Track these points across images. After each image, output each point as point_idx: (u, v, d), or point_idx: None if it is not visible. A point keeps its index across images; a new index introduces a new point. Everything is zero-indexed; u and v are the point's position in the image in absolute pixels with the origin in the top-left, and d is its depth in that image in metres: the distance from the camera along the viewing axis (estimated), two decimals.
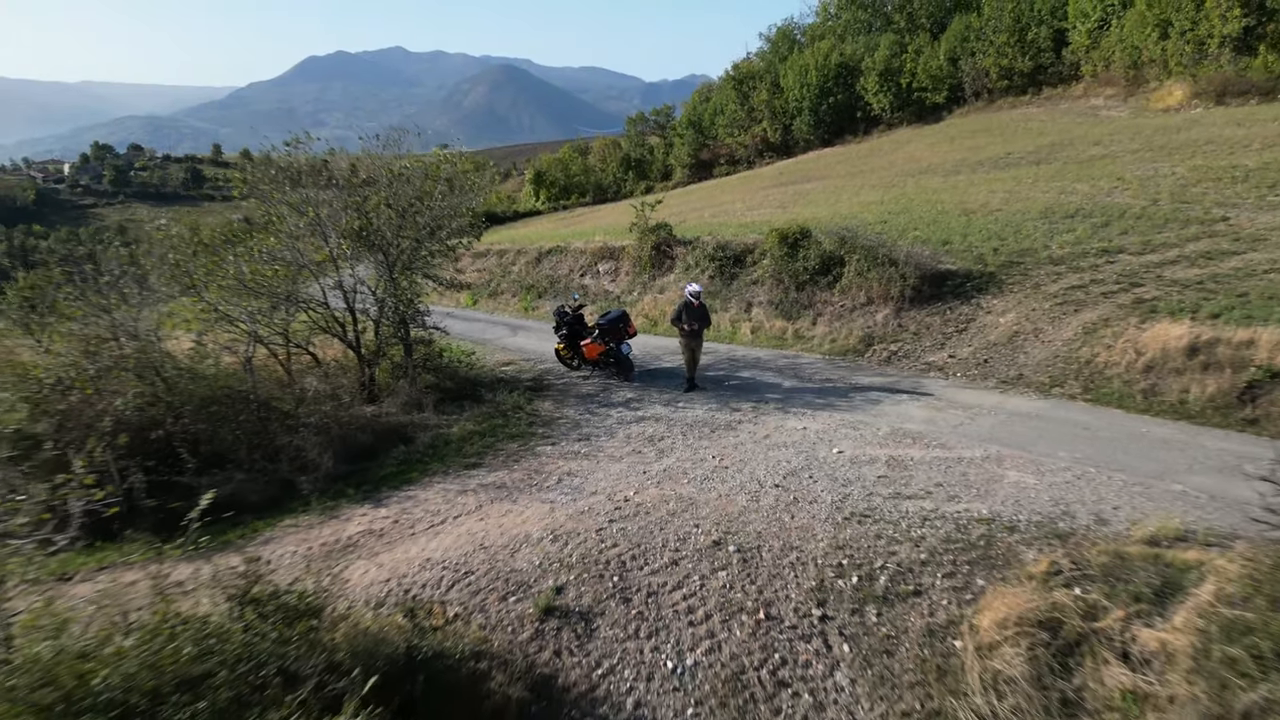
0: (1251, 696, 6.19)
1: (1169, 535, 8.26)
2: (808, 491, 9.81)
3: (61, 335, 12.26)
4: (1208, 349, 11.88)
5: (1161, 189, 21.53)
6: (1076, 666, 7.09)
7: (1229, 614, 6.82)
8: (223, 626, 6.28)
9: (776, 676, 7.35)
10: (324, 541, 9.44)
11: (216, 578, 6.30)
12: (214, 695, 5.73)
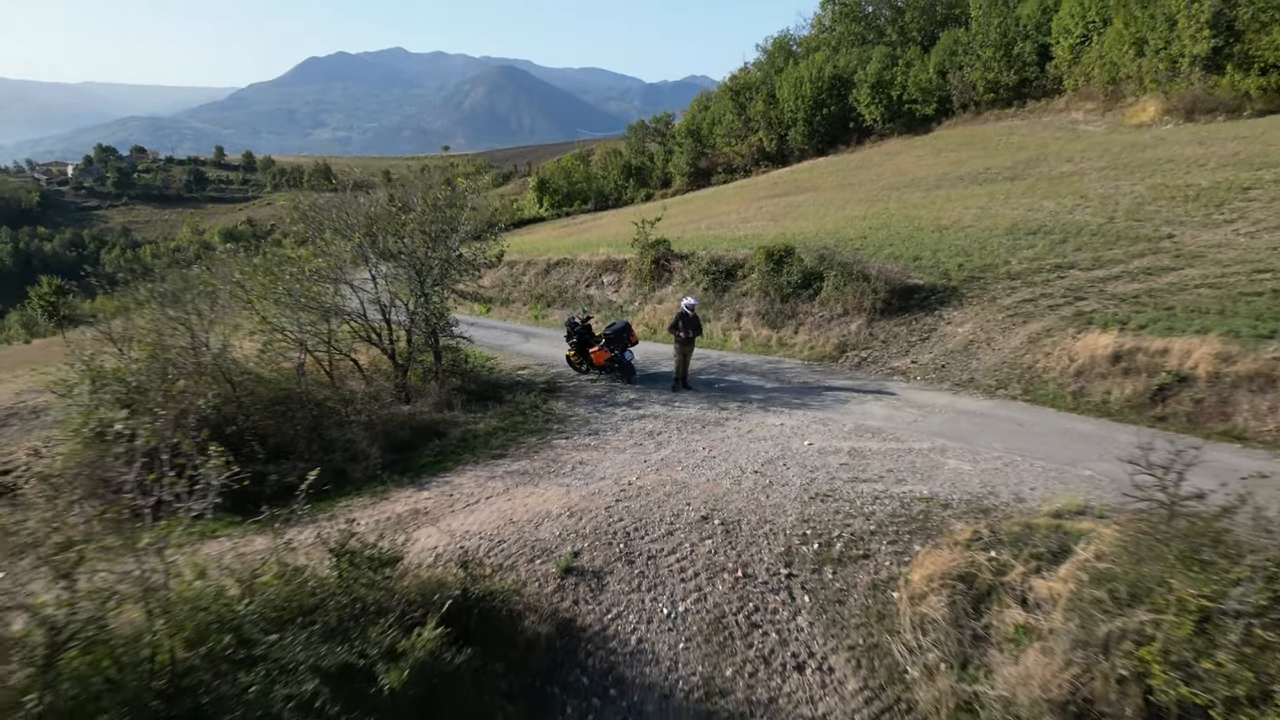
0: (1108, 626, 8.14)
1: (1071, 510, 10.19)
2: (781, 476, 11.75)
3: (145, 345, 14.16)
4: (1129, 356, 13.81)
5: (1119, 207, 23.48)
6: (985, 610, 9.04)
7: (1100, 567, 8.77)
8: (325, 573, 8.24)
9: (750, 620, 9.30)
10: (382, 517, 11.39)
11: (320, 536, 8.25)
12: (325, 618, 7.69)
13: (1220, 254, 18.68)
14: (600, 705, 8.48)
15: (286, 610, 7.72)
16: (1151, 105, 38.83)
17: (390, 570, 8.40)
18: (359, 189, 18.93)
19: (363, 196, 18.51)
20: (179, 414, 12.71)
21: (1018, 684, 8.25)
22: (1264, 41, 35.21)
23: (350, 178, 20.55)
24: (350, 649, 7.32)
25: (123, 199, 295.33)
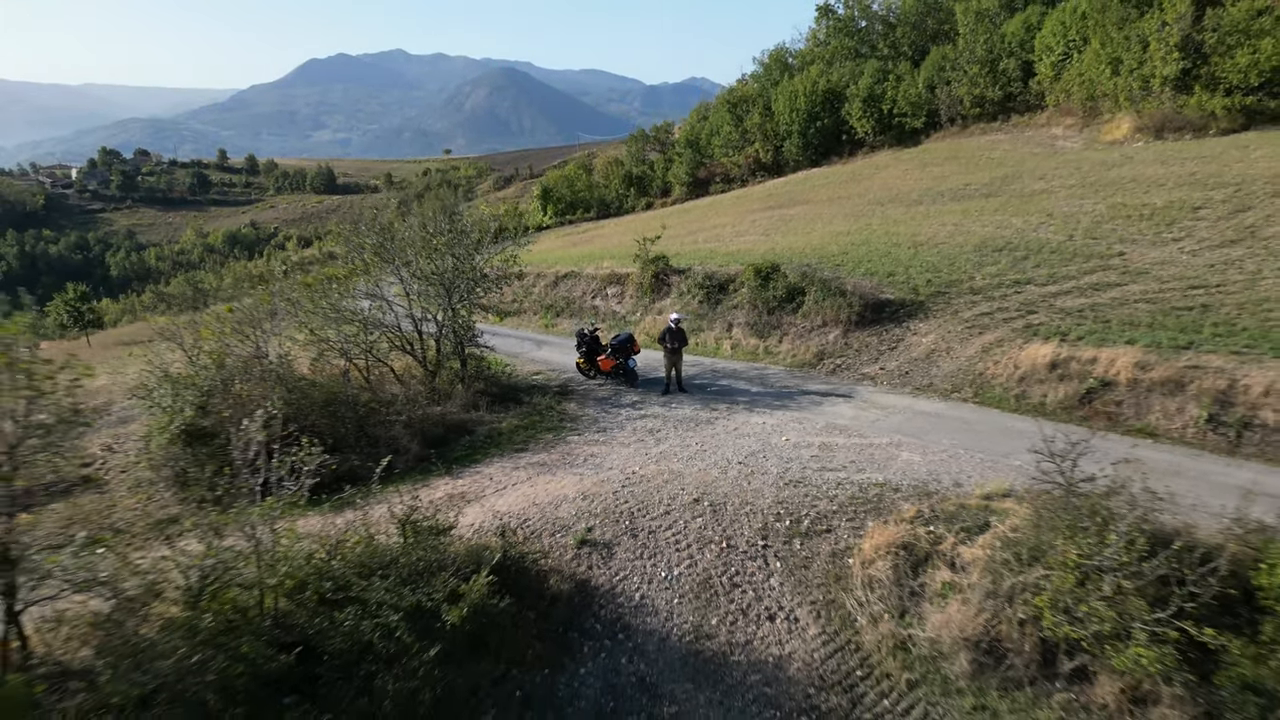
0: (1013, 581, 10.33)
1: (998, 493, 12.35)
2: (761, 466, 13.92)
3: (211, 354, 16.31)
4: (1064, 365, 15.97)
5: (1080, 225, 25.64)
6: (921, 571, 11.22)
7: (1011, 536, 10.96)
8: (394, 539, 10.44)
9: (732, 581, 11.48)
10: (428, 499, 13.55)
11: (390, 510, 10.44)
12: (397, 572, 9.87)
13: (1162, 271, 20.84)
14: (610, 646, 10.66)
15: (367, 566, 9.92)
16: (1125, 123, 41.01)
17: (444, 537, 10.60)
18: (400, 212, 20.88)
19: (400, 225, 20.51)
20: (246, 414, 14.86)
21: (942, 627, 10.45)
22: (1228, 64, 37.36)
23: (384, 208, 22.66)
24: (420, 593, 9.51)
25: (127, 202, 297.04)
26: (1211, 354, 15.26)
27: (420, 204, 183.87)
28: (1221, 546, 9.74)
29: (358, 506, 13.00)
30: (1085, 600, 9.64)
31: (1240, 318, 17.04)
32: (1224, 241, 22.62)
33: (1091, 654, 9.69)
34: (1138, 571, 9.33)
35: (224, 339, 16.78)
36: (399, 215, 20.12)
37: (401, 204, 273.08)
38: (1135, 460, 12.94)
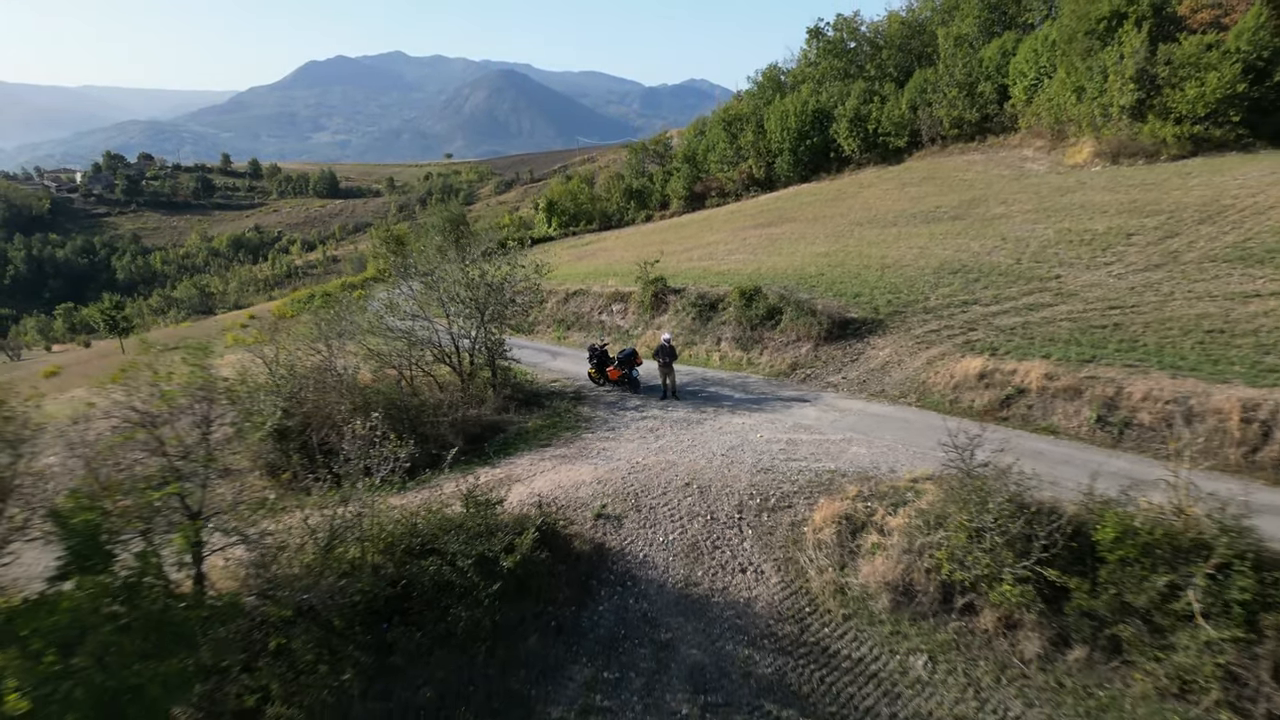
0: (921, 540, 13.78)
1: (922, 477, 15.80)
2: (739, 458, 17.41)
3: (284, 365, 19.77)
4: (990, 375, 19.46)
5: (1028, 249, 29.13)
6: (857, 536, 14.68)
7: (924, 508, 14.44)
8: (458, 510, 13.90)
9: (714, 544, 14.95)
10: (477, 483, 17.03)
11: (457, 487, 13.93)
12: (464, 533, 13.33)
13: (1090, 292, 24.31)
14: (621, 591, 14.15)
15: (442, 529, 13.41)
16: (1087, 147, 44.54)
17: (497, 508, 14.09)
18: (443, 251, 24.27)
19: (443, 260, 23.85)
20: (324, 416, 18.34)
21: (870, 576, 13.95)
22: (1178, 96, 40.85)
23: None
24: (483, 546, 13.00)
25: (131, 206, 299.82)
26: (1109, 366, 18.76)
27: (423, 208, 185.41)
28: (1075, 514, 13.23)
29: (428, 487, 16.54)
30: (971, 553, 13.14)
31: (1144, 335, 20.51)
32: (1148, 265, 26.09)
33: (976, 592, 13.20)
34: (1006, 531, 12.81)
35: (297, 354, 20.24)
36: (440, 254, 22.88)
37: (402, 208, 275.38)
38: (1038, 452, 16.49)
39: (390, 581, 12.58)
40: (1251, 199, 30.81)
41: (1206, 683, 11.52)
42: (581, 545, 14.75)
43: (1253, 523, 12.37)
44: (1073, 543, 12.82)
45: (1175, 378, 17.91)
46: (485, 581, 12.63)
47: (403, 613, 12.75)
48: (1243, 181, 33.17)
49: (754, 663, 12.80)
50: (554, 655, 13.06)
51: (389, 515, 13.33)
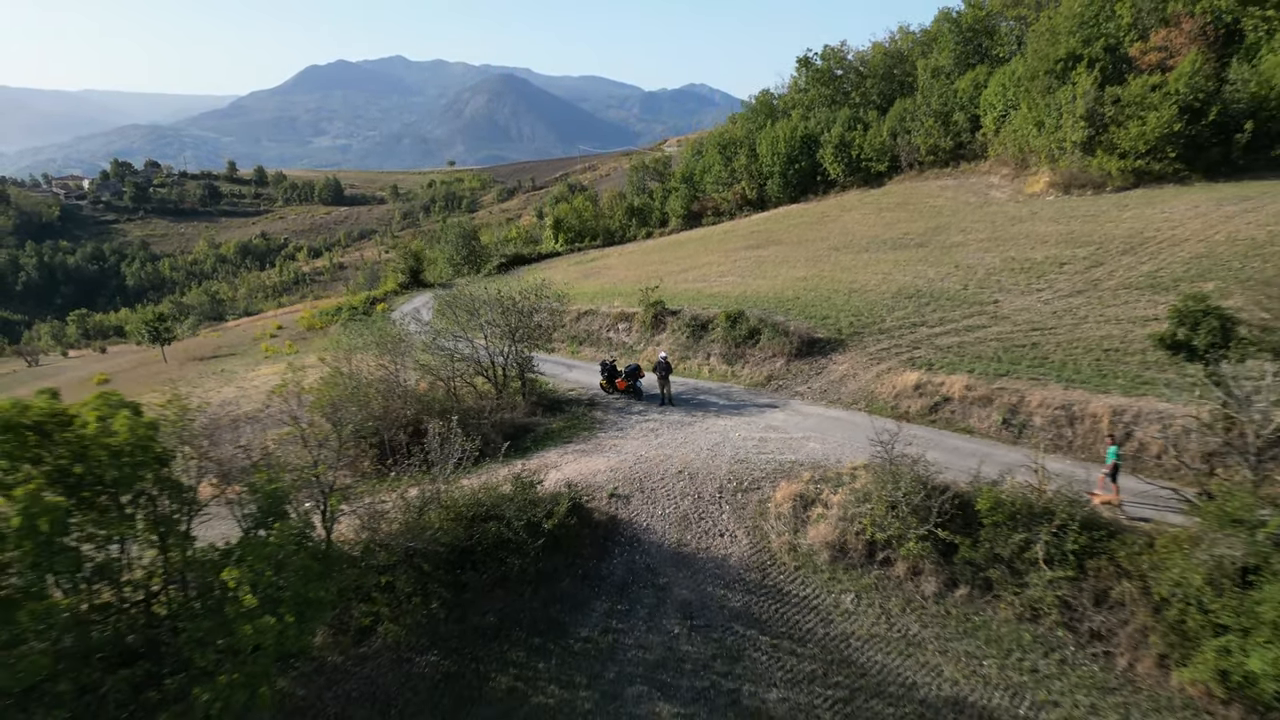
0: (853, 511, 18.61)
1: (860, 465, 20.58)
2: (721, 451, 22.20)
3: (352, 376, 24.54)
4: (924, 386, 24.25)
5: (975, 276, 33.91)
6: (808, 509, 19.47)
7: (857, 487, 19.23)
8: (507, 489, 18.70)
9: (700, 516, 19.76)
10: (517, 470, 21.82)
11: (508, 472, 18.76)
12: (514, 505, 18.15)
13: (1019, 315, 29.07)
14: (629, 550, 18.94)
15: (499, 501, 18.17)
16: (1044, 177, 49.39)
17: (537, 488, 18.87)
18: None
19: (481, 295, 28.49)
20: (393, 419, 23.12)
21: (815, 538, 18.71)
22: (1123, 133, 45.68)
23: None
24: (529, 514, 17.78)
25: (139, 213, 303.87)
26: (1017, 379, 23.56)
27: (427, 215, 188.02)
28: (963, 490, 17.98)
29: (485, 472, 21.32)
30: (888, 519, 17.92)
31: (1054, 353, 25.28)
32: (1072, 292, 30.89)
33: (891, 548, 17.99)
34: (913, 503, 17.59)
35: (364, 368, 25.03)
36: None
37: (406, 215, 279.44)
38: (955, 447, 21.25)
39: (463, 539, 17.35)
40: (1171, 231, 35.68)
41: (1048, 609, 16.31)
42: (600, 515, 19.55)
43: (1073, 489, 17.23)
44: (960, 511, 17.62)
45: (1067, 389, 22.72)
46: (531, 539, 17.42)
47: (471, 561, 17.53)
48: (1167, 215, 38.04)
49: (727, 599, 17.59)
50: (581, 594, 17.87)
51: (461, 491, 18.11)
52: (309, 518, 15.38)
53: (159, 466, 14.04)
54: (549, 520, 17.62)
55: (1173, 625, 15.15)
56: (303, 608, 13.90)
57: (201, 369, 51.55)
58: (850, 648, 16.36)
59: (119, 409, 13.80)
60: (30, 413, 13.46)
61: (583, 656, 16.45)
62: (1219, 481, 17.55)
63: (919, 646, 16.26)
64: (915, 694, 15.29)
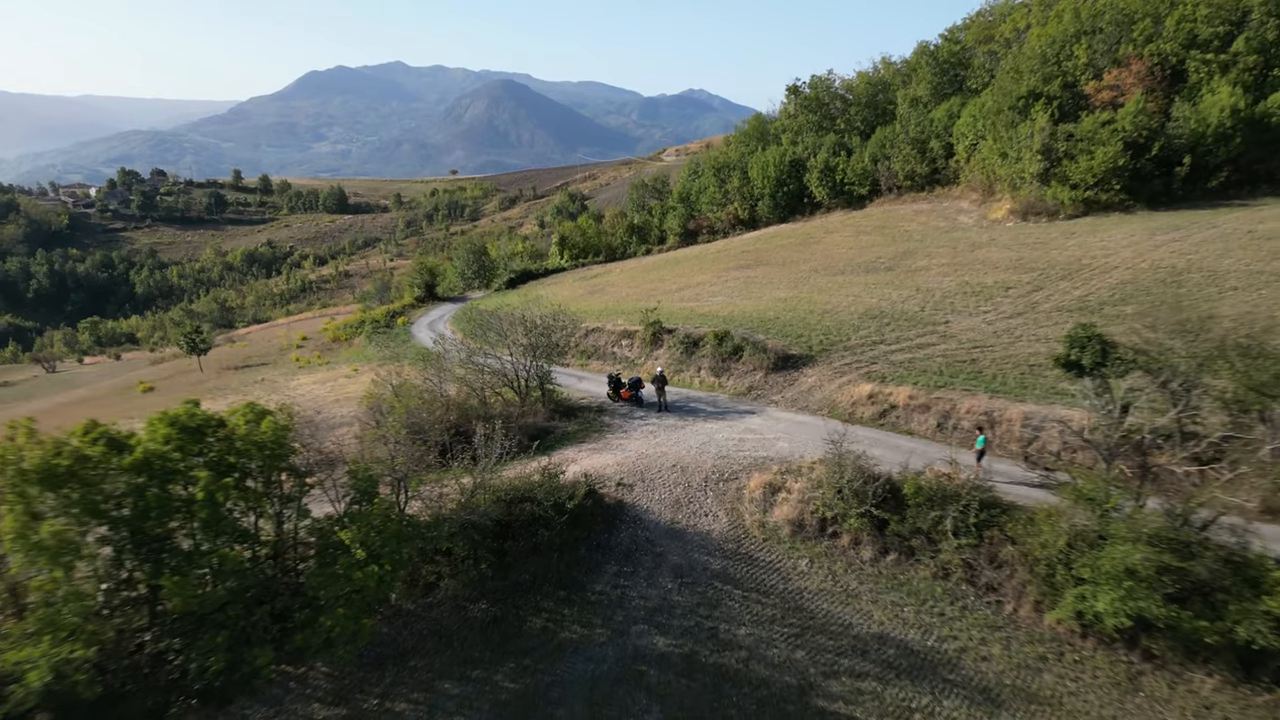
0: (809, 495, 23.68)
1: (818, 460, 25.62)
2: (707, 449, 27.26)
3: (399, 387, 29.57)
4: (875, 396, 29.29)
5: (932, 299, 38.95)
6: (775, 494, 24.55)
7: (813, 476, 24.28)
8: (538, 478, 23.78)
9: (689, 500, 24.87)
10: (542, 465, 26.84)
11: (537, 465, 23.83)
12: (543, 490, 23.24)
13: (965, 335, 34.11)
14: (633, 526, 24.00)
15: (531, 487, 23.22)
16: (1006, 204, 54.55)
17: (560, 477, 23.93)
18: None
19: (509, 321, 33.49)
20: (436, 421, 28.15)
21: (779, 516, 23.79)
22: (1073, 166, 50.81)
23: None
24: (555, 497, 22.84)
25: (146, 221, 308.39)
26: (952, 390, 28.59)
27: (430, 224, 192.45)
28: (895, 477, 22.98)
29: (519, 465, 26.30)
30: (836, 501, 22.94)
31: (988, 368, 30.32)
32: (1013, 314, 35.95)
33: (838, 524, 23.01)
34: (854, 488, 22.62)
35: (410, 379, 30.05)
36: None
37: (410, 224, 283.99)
38: (897, 445, 26.26)
39: (504, 515, 22.37)
40: (1105, 259, 40.80)
41: (955, 568, 21.30)
42: (610, 499, 24.58)
43: (991, 483, 22.27)
44: (891, 494, 22.63)
45: (992, 398, 27.77)
46: (557, 517, 22.42)
47: (511, 533, 22.53)
48: (1105, 243, 43.18)
49: (709, 563, 22.61)
50: (596, 559, 22.90)
51: (501, 480, 23.12)
52: (393, 497, 20.42)
53: (288, 457, 19.08)
54: (570, 502, 22.64)
55: (1044, 579, 20.15)
56: (393, 562, 18.90)
57: (241, 378, 56.40)
58: (803, 598, 21.38)
59: (264, 415, 18.83)
60: (195, 418, 18.46)
61: (597, 605, 21.48)
62: (1079, 469, 22.62)
63: (856, 597, 21.28)
64: (851, 631, 20.29)
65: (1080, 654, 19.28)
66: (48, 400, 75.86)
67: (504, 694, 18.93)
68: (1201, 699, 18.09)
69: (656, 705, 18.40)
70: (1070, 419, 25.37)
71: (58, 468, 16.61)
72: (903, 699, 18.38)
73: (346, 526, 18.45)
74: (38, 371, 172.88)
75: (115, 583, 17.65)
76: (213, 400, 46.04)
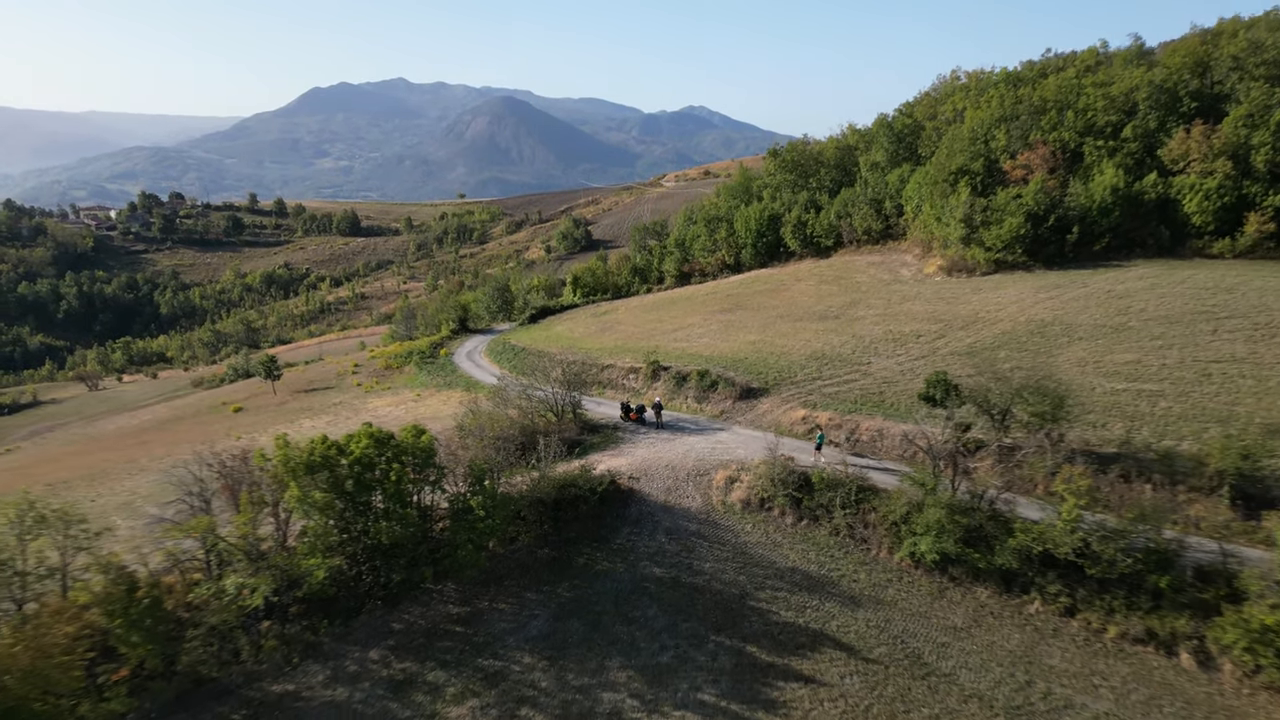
0: (755, 483, 36.79)
1: (764, 461, 38.56)
2: (690, 454, 40.24)
3: (477, 414, 42.52)
4: (806, 418, 42.21)
5: (863, 344, 51.88)
6: (733, 483, 37.57)
7: (760, 471, 37.29)
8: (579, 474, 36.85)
9: (677, 488, 37.99)
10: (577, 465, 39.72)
11: (575, 465, 36.86)
12: (581, 479, 36.34)
13: (880, 373, 47.00)
14: (639, 504, 37.08)
15: (575, 478, 36.26)
16: (937, 261, 67.62)
17: (591, 472, 36.93)
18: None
19: (551, 360, 46.50)
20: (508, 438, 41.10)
21: (735, 498, 36.85)
22: (988, 233, 63.88)
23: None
24: (590, 484, 35.88)
25: (167, 243, 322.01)
26: (858, 414, 41.51)
27: (440, 246, 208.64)
28: (807, 471, 35.91)
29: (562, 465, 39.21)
30: (771, 486, 35.85)
31: (890, 398, 43.20)
32: (919, 356, 48.85)
33: (773, 502, 35.91)
34: (774, 477, 35.59)
35: (483, 407, 42.97)
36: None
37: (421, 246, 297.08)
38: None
39: (557, 495, 35.25)
40: (996, 313, 53.82)
41: (841, 529, 34.15)
42: (624, 487, 37.46)
43: (866, 474, 35.19)
44: (805, 482, 35.49)
45: (884, 420, 40.66)
46: (591, 496, 35.34)
47: (561, 507, 35.40)
48: (999, 299, 56.25)
49: (688, 526, 35.49)
50: (615, 524, 35.81)
51: (555, 473, 35.98)
52: (493, 484, 33.34)
53: (433, 456, 31.96)
54: (599, 488, 35.56)
55: (893, 533, 32.98)
56: (499, 518, 31.73)
57: (318, 400, 69.23)
58: (746, 547, 34.19)
59: (422, 432, 31.73)
60: (381, 434, 31.34)
61: (618, 550, 34.30)
62: (919, 465, 35.55)
63: (779, 546, 34.11)
64: (774, 565, 33.06)
65: (912, 577, 32.01)
66: (148, 414, 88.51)
67: (562, 599, 31.73)
68: (980, 602, 30.80)
69: (654, 605, 31.18)
70: (934, 434, 38.26)
71: (314, 462, 29.51)
72: (802, 603, 31.13)
73: (474, 496, 31.33)
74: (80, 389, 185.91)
75: (343, 528, 30.52)
76: (312, 419, 59.04)
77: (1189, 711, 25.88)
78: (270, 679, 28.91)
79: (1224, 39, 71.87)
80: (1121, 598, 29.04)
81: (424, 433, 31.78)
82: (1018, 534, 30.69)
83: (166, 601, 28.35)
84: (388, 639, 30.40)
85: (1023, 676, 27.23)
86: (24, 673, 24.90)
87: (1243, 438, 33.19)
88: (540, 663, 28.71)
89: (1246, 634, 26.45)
